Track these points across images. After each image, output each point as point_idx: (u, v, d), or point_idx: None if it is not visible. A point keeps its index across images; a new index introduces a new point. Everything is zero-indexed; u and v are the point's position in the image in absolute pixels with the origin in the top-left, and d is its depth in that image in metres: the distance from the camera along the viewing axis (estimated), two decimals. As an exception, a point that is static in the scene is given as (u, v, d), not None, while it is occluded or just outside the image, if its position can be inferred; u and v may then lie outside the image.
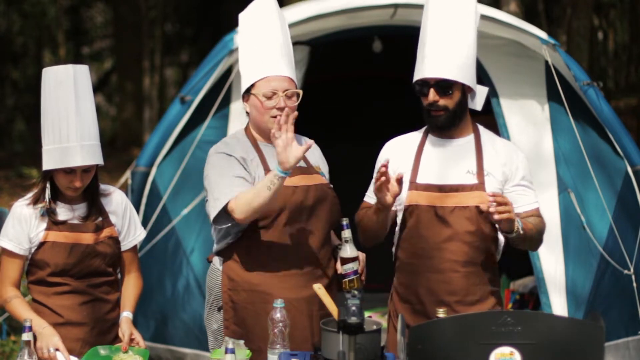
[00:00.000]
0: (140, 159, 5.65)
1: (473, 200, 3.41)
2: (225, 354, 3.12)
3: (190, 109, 5.48)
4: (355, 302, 2.80)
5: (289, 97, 3.52)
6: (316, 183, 3.55)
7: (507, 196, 3.41)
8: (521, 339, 2.69)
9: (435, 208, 3.42)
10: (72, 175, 3.39)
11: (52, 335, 3.33)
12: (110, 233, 3.53)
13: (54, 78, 3.38)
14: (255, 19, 3.63)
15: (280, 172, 3.28)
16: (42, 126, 3.40)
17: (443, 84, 3.39)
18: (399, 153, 3.54)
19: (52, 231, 3.43)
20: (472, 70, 3.43)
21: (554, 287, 5.22)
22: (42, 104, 3.41)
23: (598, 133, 5.31)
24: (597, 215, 5.25)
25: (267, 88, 3.50)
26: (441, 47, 3.40)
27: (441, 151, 3.49)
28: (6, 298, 3.44)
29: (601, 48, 22.60)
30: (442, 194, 3.43)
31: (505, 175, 3.47)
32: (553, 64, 5.25)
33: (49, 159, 3.37)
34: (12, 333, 6.70)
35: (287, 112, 3.37)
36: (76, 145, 3.36)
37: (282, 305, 3.25)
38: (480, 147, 3.48)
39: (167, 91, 23.93)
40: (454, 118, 3.45)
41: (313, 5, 5.54)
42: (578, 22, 10.52)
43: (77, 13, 23.22)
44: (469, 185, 3.42)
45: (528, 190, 3.52)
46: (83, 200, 3.51)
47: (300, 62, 5.53)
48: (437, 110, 3.43)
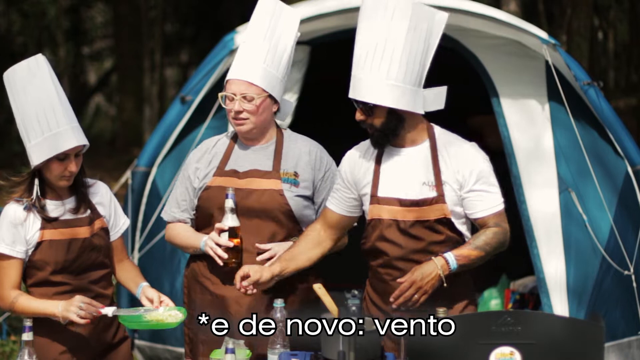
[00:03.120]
0: (140, 159, 5.65)
1: (434, 213, 3.38)
2: (225, 354, 3.12)
3: (190, 109, 5.48)
4: (355, 302, 2.81)
5: (249, 100, 3.60)
6: (265, 188, 3.62)
7: (464, 202, 3.38)
8: (521, 339, 2.69)
9: (398, 222, 3.40)
10: (67, 161, 3.38)
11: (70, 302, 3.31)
12: (101, 224, 3.53)
13: (27, 71, 3.38)
14: (253, 19, 3.69)
15: (202, 248, 3.62)
16: (23, 124, 3.38)
17: (366, 105, 3.37)
18: (359, 164, 3.52)
19: (47, 230, 3.41)
20: (398, 90, 3.33)
21: (555, 287, 5.21)
22: (15, 103, 3.39)
23: (598, 133, 5.31)
24: (598, 215, 5.25)
25: (227, 91, 3.64)
26: (365, 68, 3.34)
27: (397, 162, 3.45)
28: (12, 300, 3.41)
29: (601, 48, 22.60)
30: (403, 208, 3.40)
31: (459, 182, 3.39)
32: (553, 63, 5.25)
33: (40, 151, 3.35)
34: (12, 333, 6.70)
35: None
36: (67, 129, 3.36)
37: (282, 305, 3.26)
38: (436, 156, 3.41)
39: (167, 91, 23.92)
40: (385, 136, 3.41)
41: (313, 5, 5.54)
42: (578, 22, 10.52)
43: (77, 13, 23.23)
44: (429, 199, 3.38)
45: (484, 194, 3.40)
46: (72, 194, 3.50)
47: (300, 62, 5.53)
48: (367, 127, 3.42)
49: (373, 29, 3.34)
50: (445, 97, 3.47)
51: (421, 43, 3.38)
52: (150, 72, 18.49)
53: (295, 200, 3.64)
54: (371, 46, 3.33)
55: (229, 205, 3.55)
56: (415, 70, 3.36)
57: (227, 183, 3.63)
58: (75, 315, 3.30)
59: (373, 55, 3.33)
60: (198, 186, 3.69)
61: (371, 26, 3.35)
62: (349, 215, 3.56)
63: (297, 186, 3.65)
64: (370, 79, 3.33)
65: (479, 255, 3.35)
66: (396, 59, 3.32)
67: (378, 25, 3.34)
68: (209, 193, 3.66)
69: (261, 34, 3.64)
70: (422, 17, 3.37)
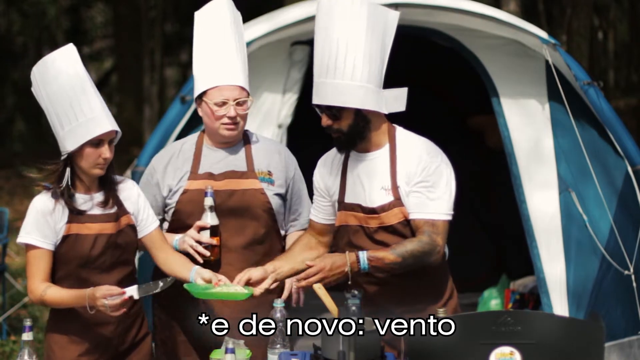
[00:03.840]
0: (140, 159, 5.64)
1: (394, 218, 3.38)
2: (225, 354, 3.12)
3: (190, 109, 5.48)
4: (355, 302, 2.81)
5: (240, 105, 3.64)
6: (245, 188, 3.67)
7: (408, 200, 3.36)
8: (521, 339, 2.69)
9: (364, 228, 3.42)
10: (101, 147, 3.38)
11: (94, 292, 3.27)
12: (127, 221, 3.51)
13: (59, 60, 3.40)
14: (210, 21, 3.70)
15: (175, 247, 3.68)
16: (55, 112, 3.38)
17: (332, 109, 3.36)
18: (328, 172, 3.54)
19: (74, 224, 3.39)
20: (362, 90, 3.32)
21: (555, 287, 5.21)
22: (47, 93, 3.39)
23: (598, 133, 5.30)
24: (598, 214, 5.24)
25: (219, 97, 3.63)
26: (328, 72, 3.33)
27: (359, 167, 3.45)
28: (41, 293, 3.36)
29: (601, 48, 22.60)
30: (365, 215, 3.41)
31: (407, 182, 3.38)
32: (553, 63, 5.25)
33: (74, 137, 3.35)
34: (12, 333, 6.70)
35: None
36: (101, 114, 3.38)
37: (282, 305, 3.26)
38: (394, 158, 3.41)
39: (167, 91, 23.92)
40: (352, 139, 3.40)
41: (313, 5, 5.53)
42: (578, 22, 10.51)
43: (77, 13, 23.24)
44: (387, 204, 3.38)
45: (423, 199, 3.35)
46: (100, 189, 3.49)
47: (300, 62, 5.53)
48: (333, 132, 3.41)
49: (332, 33, 3.34)
50: (406, 98, 3.46)
51: (379, 43, 3.38)
52: (150, 72, 18.50)
53: (274, 198, 3.73)
54: (332, 50, 3.33)
55: (208, 203, 3.61)
56: (376, 71, 3.37)
57: (204, 185, 3.66)
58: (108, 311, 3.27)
59: (335, 58, 3.32)
60: (172, 191, 3.71)
61: (329, 31, 3.34)
62: (332, 222, 3.57)
63: (272, 185, 3.74)
64: (335, 82, 3.32)
65: (395, 261, 3.29)
66: (359, 60, 3.32)
67: (337, 29, 3.33)
68: (188, 196, 3.69)
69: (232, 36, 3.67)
70: (377, 16, 3.37)
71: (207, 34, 3.70)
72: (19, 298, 7.34)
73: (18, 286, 7.90)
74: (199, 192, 3.65)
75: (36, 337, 6.45)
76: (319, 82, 3.36)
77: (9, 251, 8.52)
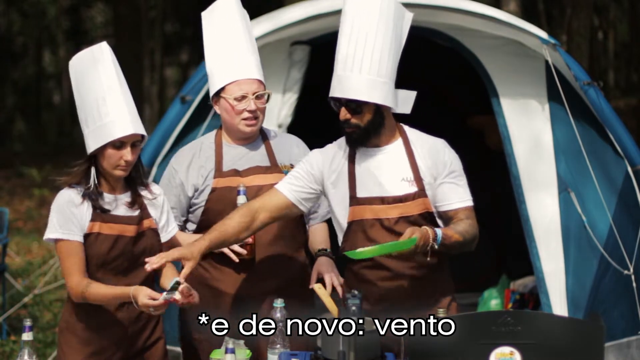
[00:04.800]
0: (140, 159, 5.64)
1: (417, 208, 3.37)
2: (225, 354, 3.12)
3: (190, 109, 5.48)
4: (355, 302, 2.80)
5: (259, 99, 3.61)
6: (271, 183, 3.60)
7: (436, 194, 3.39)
8: (521, 339, 2.69)
9: (381, 220, 3.39)
10: (123, 149, 3.33)
11: (137, 294, 3.22)
12: (149, 224, 3.45)
13: (91, 59, 3.39)
14: (219, 19, 3.69)
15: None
16: (83, 110, 3.36)
17: (353, 104, 3.34)
18: (329, 163, 3.48)
19: (97, 222, 3.35)
20: (386, 86, 3.34)
21: (554, 287, 5.21)
22: (78, 90, 3.39)
23: (598, 133, 5.31)
24: (598, 215, 5.25)
25: (238, 92, 3.60)
26: (352, 66, 3.32)
27: (373, 161, 3.44)
28: (82, 290, 3.28)
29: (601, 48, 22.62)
30: (386, 205, 3.39)
31: (433, 176, 3.40)
32: (553, 63, 5.25)
33: (96, 138, 3.32)
34: (12, 333, 6.71)
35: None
36: (126, 116, 3.34)
37: (282, 305, 3.25)
38: (411, 152, 3.42)
39: (167, 91, 23.94)
40: (368, 134, 3.39)
41: (313, 5, 5.54)
42: (578, 22, 10.52)
43: (77, 13, 23.25)
44: (412, 194, 3.37)
45: (457, 188, 3.41)
46: (126, 190, 3.45)
47: (300, 62, 5.54)
48: (349, 127, 3.39)
49: (361, 27, 3.34)
50: (413, 101, 3.46)
51: (398, 41, 3.40)
52: (150, 72, 18.52)
53: None
54: (360, 44, 3.33)
55: (241, 201, 3.55)
56: (395, 68, 3.38)
57: (232, 182, 3.63)
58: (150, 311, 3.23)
59: (362, 53, 3.32)
60: (198, 190, 3.67)
61: (358, 24, 3.34)
62: (297, 205, 3.48)
63: None
64: (361, 77, 3.32)
65: (457, 240, 3.30)
66: (385, 56, 3.33)
67: (366, 23, 3.33)
68: (217, 195, 3.64)
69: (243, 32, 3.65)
70: (398, 15, 3.40)
71: (218, 32, 3.67)
72: (19, 298, 7.34)
73: (18, 286, 7.90)
74: (227, 189, 3.61)
75: (36, 337, 6.45)
76: (344, 76, 3.34)
77: (9, 251, 8.53)
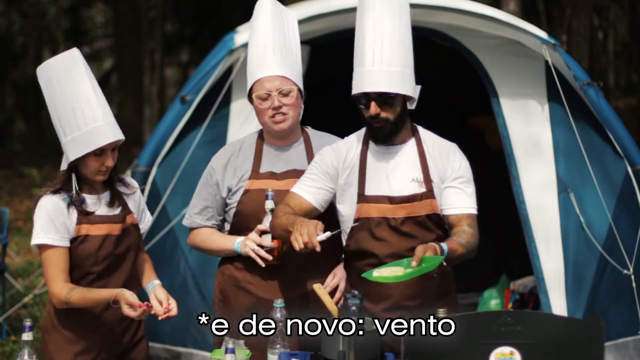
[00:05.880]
0: (140, 159, 5.64)
1: (424, 209, 3.38)
2: (225, 354, 3.12)
3: (190, 109, 5.48)
4: (355, 302, 2.80)
5: (285, 95, 3.56)
6: None
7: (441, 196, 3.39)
8: (521, 339, 2.70)
9: (388, 219, 3.39)
10: (104, 156, 3.35)
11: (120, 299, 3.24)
12: (131, 220, 3.49)
13: (62, 66, 3.35)
14: (253, 21, 3.68)
15: (237, 250, 3.58)
16: (59, 118, 3.34)
17: (384, 97, 3.35)
18: (342, 160, 3.48)
19: (84, 225, 3.37)
20: (411, 79, 3.38)
21: (554, 287, 5.21)
22: (50, 98, 3.36)
23: (598, 133, 5.31)
24: (597, 215, 5.25)
25: (261, 90, 3.57)
26: (381, 59, 3.34)
27: (385, 160, 3.44)
28: (65, 295, 3.31)
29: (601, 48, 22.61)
30: (393, 205, 3.39)
31: (440, 178, 3.41)
32: (553, 63, 5.25)
33: (76, 147, 3.32)
34: (12, 333, 6.70)
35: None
36: (104, 124, 3.34)
37: (282, 305, 3.26)
38: (423, 153, 3.44)
39: (167, 91, 23.94)
40: (397, 128, 3.40)
41: (313, 5, 5.54)
42: (578, 22, 10.53)
43: (77, 13, 23.25)
44: (419, 194, 3.38)
45: (462, 194, 3.41)
46: (106, 189, 3.47)
47: (300, 62, 5.53)
48: (378, 122, 3.39)
49: (384, 22, 3.37)
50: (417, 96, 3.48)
51: (410, 35, 3.44)
52: (150, 72, 18.49)
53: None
54: (386, 37, 3.36)
55: (269, 206, 3.51)
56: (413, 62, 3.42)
57: (266, 185, 3.58)
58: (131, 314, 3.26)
59: (390, 46, 3.35)
60: (231, 192, 3.64)
61: (380, 19, 3.38)
62: (317, 208, 3.48)
63: None
64: (391, 69, 3.34)
65: (461, 253, 3.28)
66: (407, 48, 3.38)
67: (389, 16, 3.37)
68: (250, 196, 3.60)
69: (270, 31, 3.62)
70: (407, 8, 3.46)
71: (251, 32, 3.68)
72: (19, 298, 7.34)
73: (18, 286, 7.90)
74: (261, 192, 3.56)
75: (36, 337, 6.44)
76: (373, 70, 3.35)
77: (9, 251, 8.52)
